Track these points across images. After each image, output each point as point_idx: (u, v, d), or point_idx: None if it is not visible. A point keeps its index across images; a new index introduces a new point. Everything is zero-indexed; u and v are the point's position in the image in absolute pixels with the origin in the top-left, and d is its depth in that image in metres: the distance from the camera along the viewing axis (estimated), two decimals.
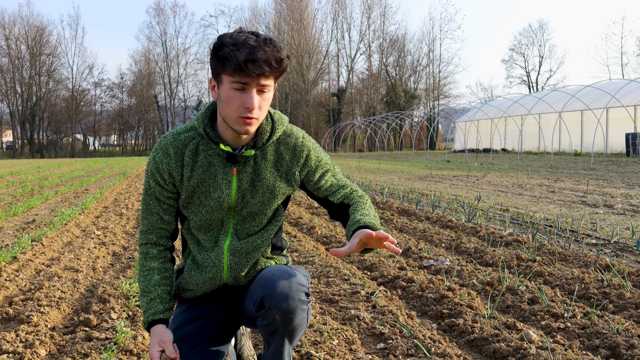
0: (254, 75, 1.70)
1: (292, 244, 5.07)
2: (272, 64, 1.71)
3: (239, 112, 1.75)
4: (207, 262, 1.95)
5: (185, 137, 1.91)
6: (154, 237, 1.97)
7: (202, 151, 1.90)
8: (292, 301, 1.77)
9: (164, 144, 1.92)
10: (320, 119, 57.69)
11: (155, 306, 1.92)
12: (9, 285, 3.73)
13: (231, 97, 1.74)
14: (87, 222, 7.08)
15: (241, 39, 1.70)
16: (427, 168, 19.41)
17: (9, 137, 60.93)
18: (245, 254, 1.95)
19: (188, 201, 1.94)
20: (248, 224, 1.96)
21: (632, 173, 14.44)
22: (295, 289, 1.78)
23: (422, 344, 2.56)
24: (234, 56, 1.68)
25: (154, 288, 1.94)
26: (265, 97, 1.78)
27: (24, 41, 52.91)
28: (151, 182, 1.93)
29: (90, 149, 61.95)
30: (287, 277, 1.81)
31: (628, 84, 25.16)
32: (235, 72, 1.70)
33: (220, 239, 1.96)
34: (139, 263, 1.99)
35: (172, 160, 1.89)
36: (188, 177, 1.90)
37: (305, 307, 1.82)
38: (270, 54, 1.70)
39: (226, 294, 2.01)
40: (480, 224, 6.05)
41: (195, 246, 1.98)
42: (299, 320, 1.81)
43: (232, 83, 1.73)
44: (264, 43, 1.72)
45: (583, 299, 3.32)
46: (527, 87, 56.89)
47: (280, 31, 57.08)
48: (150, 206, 1.95)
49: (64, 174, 18.58)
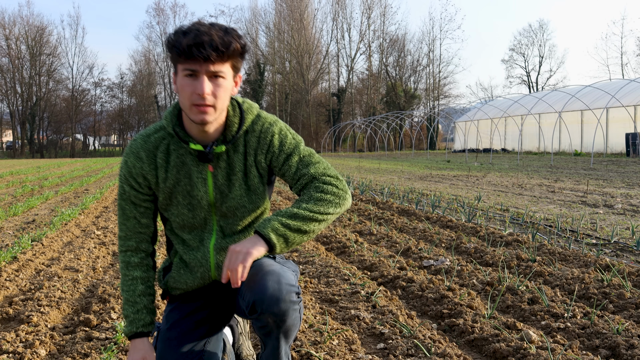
0: (200, 60, 1.65)
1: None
2: (218, 47, 1.65)
3: (191, 99, 1.70)
4: (194, 263, 1.93)
5: (156, 139, 1.88)
6: (134, 242, 1.95)
7: (173, 151, 1.87)
8: (284, 304, 1.75)
9: (134, 147, 1.88)
10: (320, 119, 57.66)
11: (143, 318, 1.93)
12: (9, 285, 3.73)
13: (183, 86, 1.70)
14: (87, 222, 7.08)
15: (191, 27, 1.68)
16: (427, 168, 19.40)
17: (9, 137, 60.93)
18: None
19: (167, 202, 1.91)
20: (231, 219, 1.92)
21: (632, 173, 14.44)
22: (286, 291, 1.75)
23: (422, 344, 2.56)
24: (179, 41, 1.65)
25: (140, 299, 1.93)
26: (220, 83, 1.71)
27: (24, 41, 52.93)
28: (125, 187, 1.90)
29: (90, 149, 61.94)
30: (277, 278, 1.76)
31: (628, 84, 25.15)
32: (182, 57, 1.66)
33: (205, 237, 1.93)
34: (121, 271, 1.97)
35: (145, 163, 1.86)
36: (163, 178, 1.87)
37: (297, 306, 1.81)
38: (216, 38, 1.65)
39: (217, 287, 1.99)
40: (480, 224, 6.05)
41: (181, 246, 1.96)
42: (292, 321, 1.81)
43: (183, 71, 1.69)
44: (214, 29, 1.67)
45: (583, 299, 3.32)
46: (527, 87, 56.91)
47: (280, 31, 57.10)
48: (127, 211, 1.92)
49: (64, 174, 18.58)
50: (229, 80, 1.75)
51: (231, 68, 1.74)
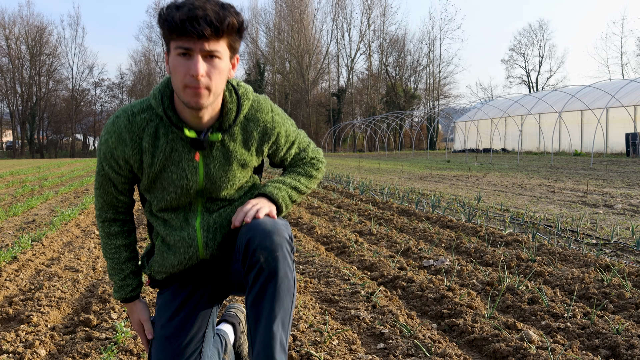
0: (194, 37, 1.56)
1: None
2: (213, 22, 1.55)
3: (185, 80, 1.60)
4: (179, 243, 1.83)
5: (142, 119, 1.75)
6: (111, 214, 1.91)
7: (162, 135, 1.75)
8: (277, 237, 1.67)
9: (117, 126, 1.75)
10: (320, 119, 57.68)
11: (130, 283, 1.95)
12: (9, 285, 3.73)
13: (176, 66, 1.61)
14: (87, 222, 7.08)
15: (185, 1, 1.59)
16: (427, 168, 19.41)
17: (9, 137, 60.93)
18: (219, 227, 1.84)
19: (150, 186, 1.83)
20: (218, 200, 1.87)
21: (632, 173, 14.44)
22: (279, 229, 1.70)
23: (422, 344, 2.56)
24: (172, 15, 1.56)
25: (125, 265, 1.94)
26: (216, 64, 1.62)
27: (24, 41, 52.92)
28: (105, 166, 1.80)
29: (90, 149, 61.89)
30: (272, 220, 1.73)
31: (628, 84, 25.16)
32: (174, 33, 1.57)
33: (190, 217, 1.84)
34: (102, 240, 1.95)
35: (128, 147, 1.75)
36: (149, 164, 1.77)
37: (288, 252, 1.70)
38: (211, 12, 1.55)
39: (205, 268, 1.91)
40: (480, 224, 6.05)
41: (162, 227, 1.87)
42: (283, 272, 1.67)
43: (176, 49, 1.60)
44: (210, 3, 1.58)
45: (583, 299, 3.32)
46: (527, 87, 56.92)
47: (280, 31, 57.12)
48: (105, 186, 1.85)
49: (64, 174, 18.58)
50: (226, 62, 1.66)
51: (228, 48, 1.65)
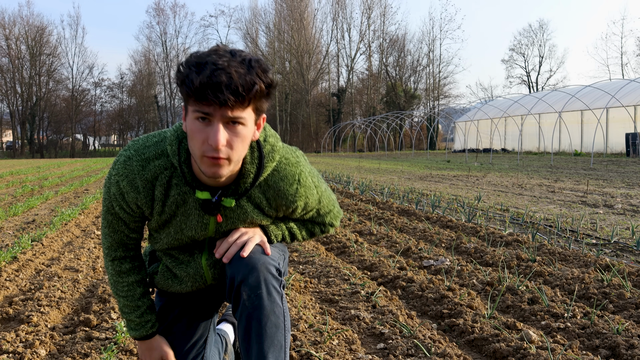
0: (216, 105, 1.38)
1: (292, 244, 5.07)
2: (239, 90, 1.37)
3: (202, 149, 1.44)
4: (186, 278, 1.80)
5: (156, 167, 1.62)
6: (121, 252, 1.80)
7: (175, 185, 1.64)
8: (262, 272, 1.59)
9: (130, 170, 1.62)
10: (320, 119, 57.69)
11: (149, 319, 1.85)
12: (9, 285, 3.73)
13: (194, 131, 1.44)
14: (87, 222, 7.08)
15: (208, 59, 1.39)
16: (427, 168, 19.40)
17: (9, 137, 60.95)
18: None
19: (158, 228, 1.76)
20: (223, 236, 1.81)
21: (632, 173, 14.44)
22: (263, 261, 1.62)
23: (422, 344, 2.56)
24: (191, 79, 1.38)
25: (141, 301, 1.83)
26: (238, 131, 1.44)
27: (24, 41, 52.95)
28: (115, 206, 1.69)
29: (90, 149, 61.95)
30: (258, 253, 1.65)
31: (628, 84, 25.16)
32: (192, 98, 1.40)
33: (196, 252, 1.80)
34: (112, 279, 1.84)
35: (141, 195, 1.64)
36: (159, 211, 1.69)
37: (275, 288, 1.62)
38: (236, 77, 1.37)
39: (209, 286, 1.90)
40: (480, 224, 6.05)
41: (168, 258, 1.84)
42: (269, 305, 1.59)
43: (194, 112, 1.43)
44: (235, 63, 1.39)
45: (583, 299, 3.32)
46: (527, 87, 56.93)
47: (280, 31, 57.13)
48: (115, 225, 1.74)
49: (64, 174, 18.58)
50: (250, 127, 1.48)
51: (253, 112, 1.47)
